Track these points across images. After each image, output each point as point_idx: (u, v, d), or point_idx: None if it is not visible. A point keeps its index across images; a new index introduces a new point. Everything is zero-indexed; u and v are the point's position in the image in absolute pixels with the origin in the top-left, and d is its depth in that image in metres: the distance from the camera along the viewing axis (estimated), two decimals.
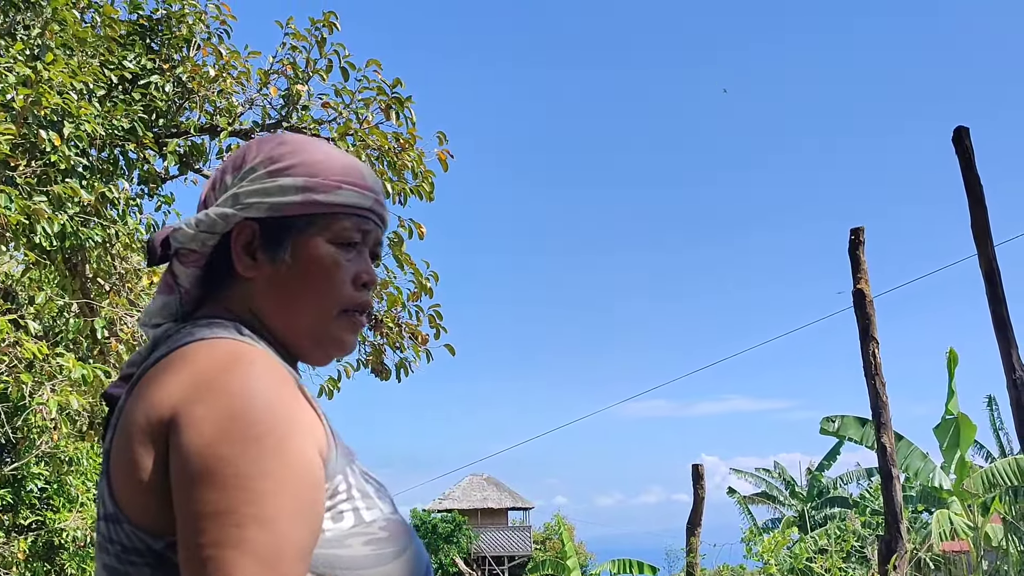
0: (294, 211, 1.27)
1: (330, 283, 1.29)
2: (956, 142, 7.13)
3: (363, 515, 1.17)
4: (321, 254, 1.28)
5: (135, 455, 1.10)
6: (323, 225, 1.28)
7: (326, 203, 1.28)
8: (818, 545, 22.00)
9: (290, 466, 1.07)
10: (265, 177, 1.29)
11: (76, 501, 12.42)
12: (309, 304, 1.28)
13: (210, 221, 1.28)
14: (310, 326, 1.29)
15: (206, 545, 1.00)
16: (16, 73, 5.95)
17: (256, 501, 1.02)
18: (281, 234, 1.28)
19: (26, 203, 5.84)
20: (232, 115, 7.69)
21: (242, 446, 1.04)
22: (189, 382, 1.10)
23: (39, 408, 6.17)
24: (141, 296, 8.28)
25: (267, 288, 1.29)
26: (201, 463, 1.03)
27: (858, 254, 8.61)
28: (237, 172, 1.32)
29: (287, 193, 1.27)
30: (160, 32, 7.55)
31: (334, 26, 7.61)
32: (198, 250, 1.30)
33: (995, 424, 27.89)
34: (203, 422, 1.06)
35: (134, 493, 1.10)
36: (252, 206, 1.27)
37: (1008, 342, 6.64)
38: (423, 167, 7.76)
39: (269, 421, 1.07)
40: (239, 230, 1.29)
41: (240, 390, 1.08)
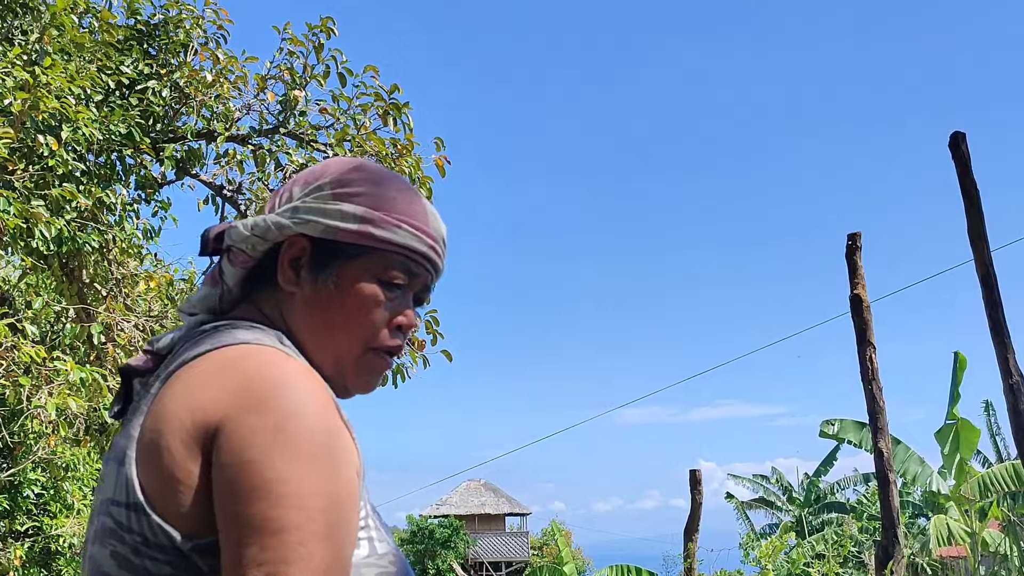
0: (348, 238, 1.27)
1: (365, 319, 1.28)
2: (953, 147, 7.14)
3: (376, 547, 1.17)
4: (363, 288, 1.27)
5: (174, 453, 1.09)
6: (373, 260, 1.28)
7: (380, 239, 1.27)
8: (815, 550, 22.02)
9: (340, 485, 1.08)
10: (329, 198, 1.28)
11: (73, 507, 12.40)
12: (339, 333, 1.28)
13: (264, 227, 1.29)
14: (335, 355, 1.29)
15: (267, 561, 1.01)
16: (14, 77, 5.95)
17: (315, 519, 1.03)
18: (330, 257, 1.28)
19: (24, 207, 5.84)
20: (229, 120, 7.69)
21: (300, 464, 1.05)
22: (239, 390, 1.10)
23: (36, 412, 6.17)
24: (138, 301, 8.28)
25: (303, 307, 1.28)
26: (261, 479, 1.04)
27: (855, 259, 8.62)
28: (306, 186, 1.32)
29: (345, 219, 1.27)
30: (158, 37, 7.56)
31: (332, 31, 7.61)
32: (248, 252, 1.31)
33: (992, 429, 27.92)
34: (257, 435, 1.06)
35: (168, 491, 1.09)
36: (308, 223, 1.27)
37: (1005, 347, 6.65)
38: (421, 173, 7.77)
39: (320, 440, 1.07)
40: (290, 243, 1.29)
41: (296, 407, 1.08)
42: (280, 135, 7.81)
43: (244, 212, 8.10)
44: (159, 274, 8.05)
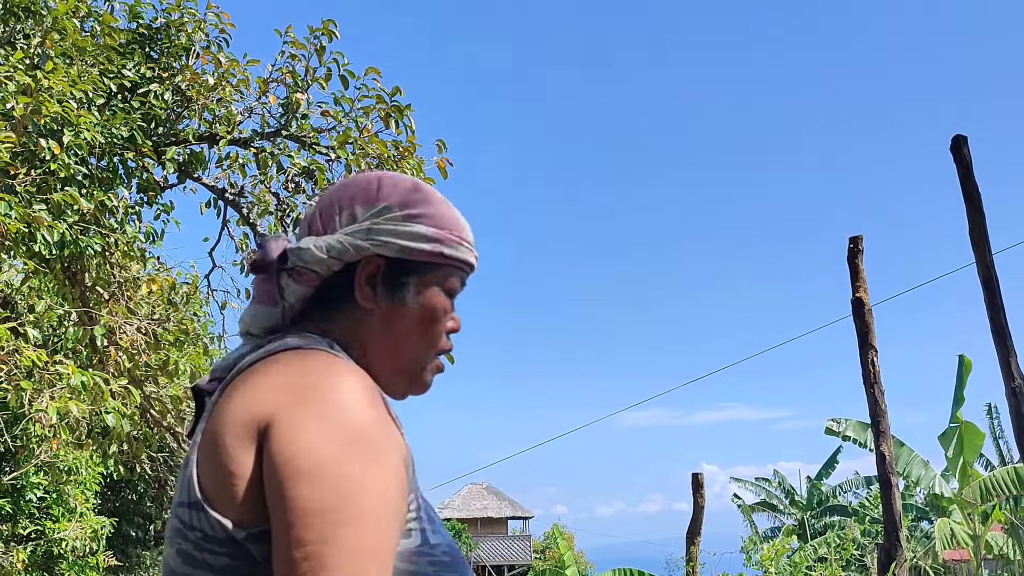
0: (422, 257, 1.36)
1: (437, 328, 1.39)
2: (954, 150, 7.14)
3: (428, 537, 1.22)
4: (436, 302, 1.38)
5: (229, 448, 1.15)
6: (442, 275, 1.39)
7: (449, 256, 1.38)
8: (818, 553, 21.98)
9: (386, 473, 1.13)
10: (402, 220, 1.36)
11: (75, 511, 12.39)
12: (414, 344, 1.38)
13: (342, 249, 1.35)
14: (408, 365, 1.39)
15: (308, 541, 1.05)
16: (16, 82, 5.96)
17: (357, 502, 1.08)
18: (405, 275, 1.37)
19: (26, 211, 5.85)
20: (231, 123, 7.70)
21: (344, 450, 1.10)
22: (291, 386, 1.17)
23: (38, 416, 6.16)
24: (140, 304, 8.28)
25: (379, 322, 1.36)
26: (306, 462, 1.09)
27: (857, 262, 8.62)
28: (370, 206, 1.38)
29: (420, 240, 1.36)
30: (159, 41, 7.56)
31: (333, 34, 7.62)
32: (320, 272, 1.36)
33: (995, 432, 27.89)
34: (307, 425, 1.12)
35: (223, 484, 1.15)
36: (385, 244, 1.35)
37: (1007, 350, 6.65)
38: (423, 175, 7.77)
39: (368, 430, 1.14)
40: (366, 262, 1.36)
41: (342, 399, 1.15)
42: (282, 138, 7.81)
43: (246, 215, 8.10)
44: (161, 277, 8.04)
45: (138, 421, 8.41)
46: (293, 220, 7.78)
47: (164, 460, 12.44)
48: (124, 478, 13.40)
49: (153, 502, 16.86)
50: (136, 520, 17.16)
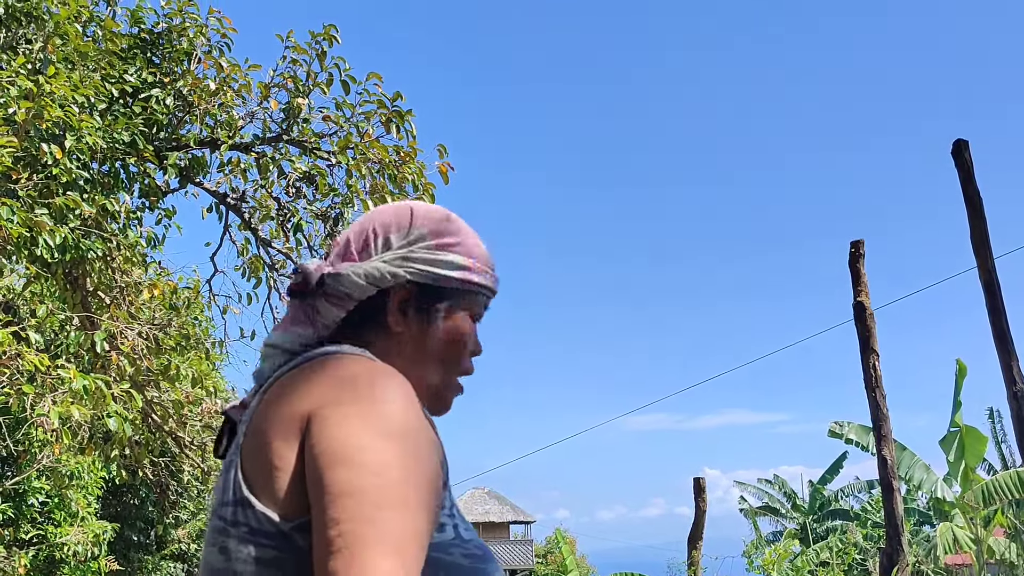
0: (452, 284, 1.44)
1: (462, 352, 1.46)
2: (956, 155, 7.14)
3: (461, 533, 1.27)
4: (462, 326, 1.46)
5: (272, 445, 1.20)
6: (469, 301, 1.47)
7: (476, 283, 1.46)
8: (820, 558, 21.96)
9: (421, 465, 1.18)
10: (435, 248, 1.44)
11: (77, 515, 12.40)
12: (441, 366, 1.45)
13: (379, 276, 1.42)
14: (435, 386, 1.45)
15: (344, 520, 1.09)
16: (18, 86, 5.97)
17: (393, 487, 1.12)
18: (435, 300, 1.44)
19: (28, 216, 5.85)
20: (233, 128, 7.71)
21: (383, 440, 1.15)
22: (332, 384, 1.23)
23: (40, 421, 6.17)
24: (142, 309, 8.29)
25: (409, 345, 1.43)
26: (343, 450, 1.13)
27: (858, 267, 8.62)
28: (405, 235, 1.46)
29: (452, 268, 1.43)
30: (161, 46, 7.58)
31: (334, 39, 7.63)
32: (355, 297, 1.43)
33: (997, 436, 27.87)
34: (348, 419, 1.17)
35: (269, 479, 1.19)
36: (420, 272, 1.42)
37: (1008, 354, 6.64)
38: (424, 180, 7.77)
39: (407, 426, 1.19)
40: (399, 288, 1.43)
41: (382, 396, 1.20)
42: (283, 143, 7.82)
43: (248, 220, 8.11)
44: (163, 282, 8.04)
45: (140, 426, 8.42)
46: (294, 225, 7.79)
47: (166, 465, 12.46)
48: (126, 483, 13.41)
49: (155, 507, 16.87)
50: (138, 524, 17.16)
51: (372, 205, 7.56)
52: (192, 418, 9.26)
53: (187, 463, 10.10)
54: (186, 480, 14.83)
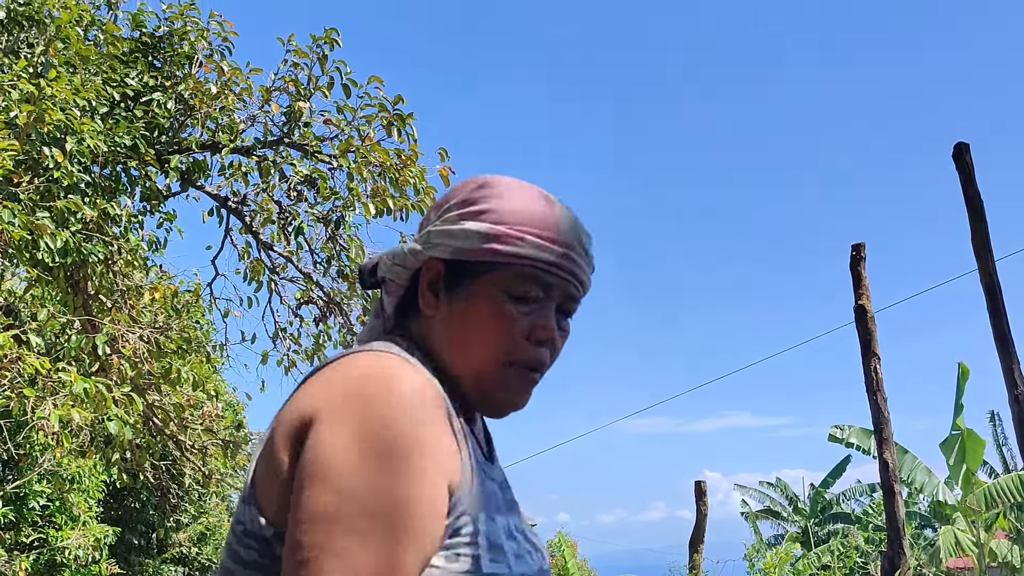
0: (474, 257, 1.28)
1: (497, 334, 1.27)
2: (957, 158, 7.15)
3: (483, 565, 1.14)
4: (490, 304, 1.27)
5: (276, 447, 1.14)
6: (501, 275, 1.27)
7: (505, 253, 1.26)
8: (821, 561, 21.95)
9: (412, 490, 1.07)
10: (456, 219, 1.30)
11: (78, 518, 12.39)
12: (474, 352, 1.28)
13: (402, 255, 1.33)
14: (474, 372, 1.28)
15: (309, 546, 1.02)
16: (20, 90, 5.97)
17: (369, 516, 1.03)
18: (461, 277, 1.29)
19: (29, 219, 5.86)
20: (234, 132, 7.71)
21: (370, 460, 1.05)
22: (336, 388, 1.13)
23: (41, 424, 6.17)
24: (143, 313, 8.29)
25: (442, 329, 1.30)
26: (326, 466, 1.06)
27: (859, 270, 8.62)
28: (439, 210, 1.35)
29: (470, 238, 1.27)
30: (162, 49, 7.59)
31: (336, 43, 7.64)
32: (396, 281, 1.35)
33: (998, 440, 27.86)
34: (339, 428, 1.08)
35: (266, 481, 1.14)
36: (438, 246, 1.30)
37: (1010, 357, 6.64)
38: (425, 183, 7.78)
39: (403, 441, 1.08)
40: (427, 267, 1.32)
41: (382, 403, 1.09)
42: (285, 146, 7.83)
43: (249, 224, 8.12)
44: (164, 286, 8.05)
45: (141, 429, 8.43)
46: (295, 228, 7.79)
47: (167, 468, 12.45)
48: (127, 486, 13.41)
49: (156, 510, 16.85)
50: (139, 528, 17.15)
51: (373, 208, 7.57)
52: (193, 422, 9.26)
53: (188, 467, 10.09)
54: (187, 484, 14.81)
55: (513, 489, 1.40)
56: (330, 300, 8.44)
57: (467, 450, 1.19)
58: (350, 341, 8.46)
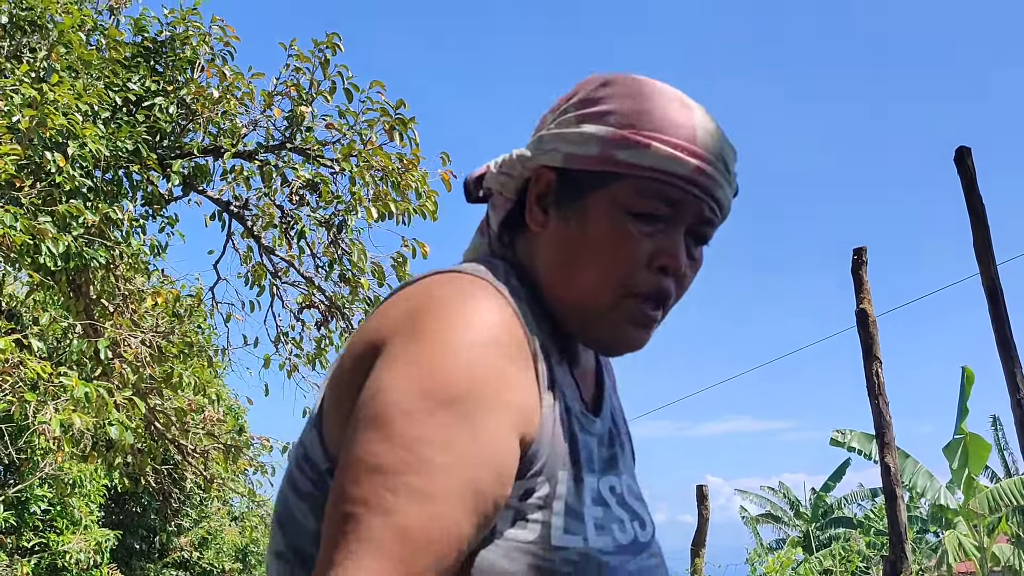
0: (589, 165, 1.09)
1: (612, 259, 1.08)
2: (958, 162, 7.14)
3: (553, 534, 0.99)
4: (607, 222, 1.08)
5: (343, 372, 1.02)
6: (621, 188, 1.08)
7: (626, 163, 1.07)
8: (823, 566, 21.91)
9: (475, 443, 0.92)
10: (572, 121, 1.12)
11: (80, 523, 12.40)
12: (585, 278, 1.09)
13: (510, 163, 1.17)
14: (582, 303, 1.10)
15: (356, 499, 0.90)
16: (22, 95, 5.98)
17: (423, 472, 0.90)
18: (574, 189, 1.11)
19: (31, 223, 5.86)
20: (236, 136, 7.72)
21: (429, 405, 0.92)
22: (404, 313, 1.00)
23: (42, 428, 6.17)
24: (145, 317, 8.29)
25: (549, 248, 1.12)
26: (382, 408, 0.92)
27: (861, 274, 8.60)
28: (556, 111, 1.17)
29: (587, 143, 1.09)
30: (164, 54, 7.60)
31: (337, 47, 7.64)
32: (503, 193, 1.19)
33: (1000, 444, 27.82)
34: (399, 365, 0.95)
35: (331, 408, 1.03)
36: (550, 152, 1.12)
37: (1012, 361, 6.63)
38: (427, 187, 7.79)
39: (468, 385, 0.93)
40: (536, 177, 1.14)
41: (446, 337, 0.95)
42: (287, 150, 7.84)
43: (251, 228, 8.12)
44: (166, 290, 8.06)
45: (142, 433, 8.43)
46: (297, 232, 7.80)
47: (168, 473, 12.45)
48: (128, 490, 13.40)
49: (157, 515, 16.86)
50: (140, 533, 17.16)
51: (375, 212, 7.58)
52: (195, 426, 9.26)
53: (189, 471, 10.10)
54: (188, 488, 14.82)
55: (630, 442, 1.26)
56: (332, 304, 8.44)
57: (554, 398, 1.04)
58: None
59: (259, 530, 17.90)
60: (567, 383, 1.09)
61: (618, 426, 1.23)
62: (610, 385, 1.27)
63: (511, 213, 1.18)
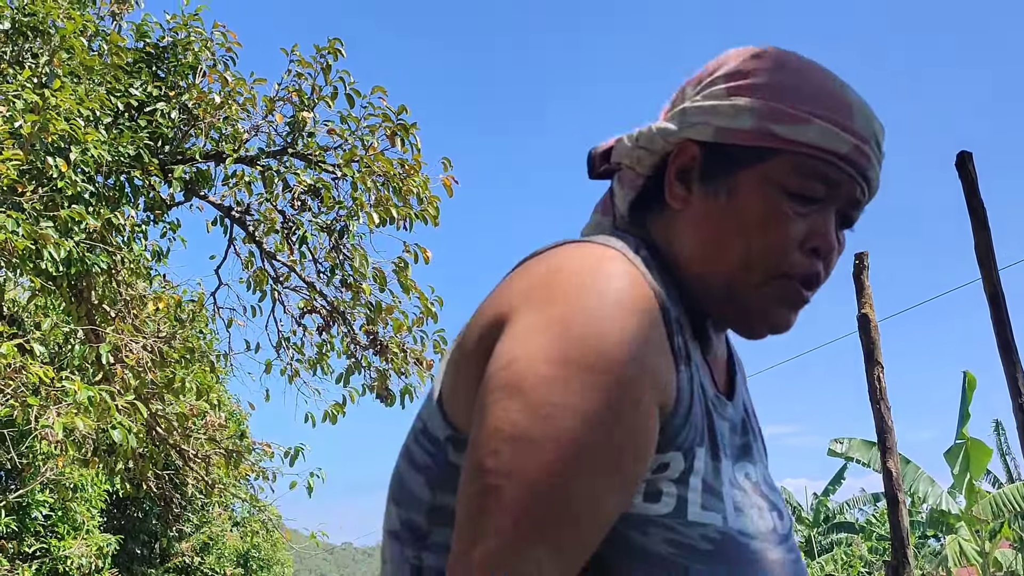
0: (742, 140, 1.04)
1: (765, 238, 1.03)
2: (960, 167, 7.14)
3: (690, 510, 0.95)
4: (760, 200, 1.03)
5: (467, 343, 0.99)
6: (776, 165, 1.03)
7: (783, 138, 1.02)
8: (825, 571, 21.91)
9: (617, 412, 0.87)
10: (723, 93, 1.06)
11: (81, 528, 12.40)
12: (733, 258, 1.04)
13: (649, 136, 1.10)
14: (730, 281, 1.05)
15: (494, 471, 0.86)
16: (24, 100, 5.99)
17: (565, 442, 0.85)
18: (723, 165, 1.05)
19: (33, 228, 5.87)
20: (237, 141, 7.73)
21: (569, 372, 0.87)
22: (532, 282, 0.96)
23: (45, 433, 6.17)
24: (146, 322, 8.30)
25: (691, 226, 1.07)
26: (517, 375, 0.88)
27: (862, 278, 8.60)
28: (699, 83, 1.11)
29: (739, 117, 1.04)
30: (166, 60, 7.61)
31: (339, 53, 7.65)
32: (635, 168, 1.13)
33: (1003, 449, 27.81)
34: (533, 332, 0.90)
35: (452, 379, 1.01)
36: (696, 126, 1.06)
37: (1014, 366, 6.62)
38: (428, 192, 7.79)
39: (609, 351, 0.88)
40: (679, 151, 1.08)
41: (585, 305, 0.90)
42: (288, 156, 7.85)
43: (252, 233, 8.13)
44: (167, 295, 8.07)
45: (144, 438, 8.43)
46: (299, 238, 7.81)
47: (170, 478, 12.44)
48: (130, 495, 13.41)
49: (159, 520, 16.85)
50: (141, 538, 17.16)
51: (376, 218, 7.59)
52: (196, 431, 9.26)
53: (191, 476, 10.09)
54: (190, 493, 14.81)
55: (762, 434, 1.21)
56: (333, 309, 8.44)
57: (689, 373, 0.99)
58: (353, 350, 8.47)
59: (260, 535, 17.87)
60: (700, 363, 1.04)
61: (751, 417, 1.19)
62: (740, 377, 1.22)
63: (642, 190, 1.13)
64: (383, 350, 8.21)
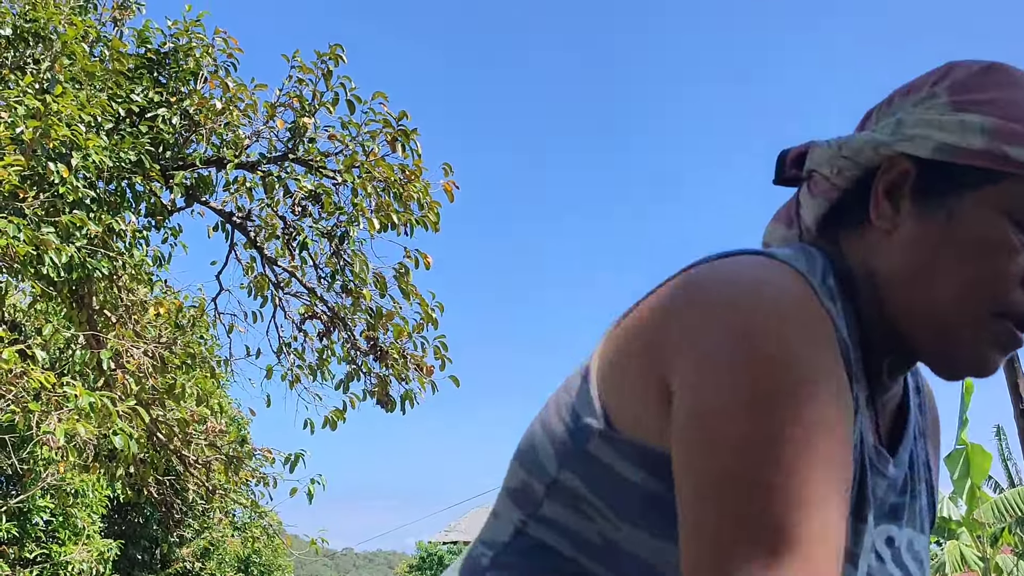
0: (968, 160, 0.92)
1: (987, 270, 0.92)
2: None
3: None
4: (986, 226, 0.92)
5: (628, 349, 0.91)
6: (1004, 190, 0.92)
7: (1017, 161, 0.91)
8: None
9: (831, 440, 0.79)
10: (947, 107, 0.95)
11: (82, 533, 12.39)
12: (945, 285, 0.93)
13: (856, 146, 0.99)
14: (938, 315, 0.94)
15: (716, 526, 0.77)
16: (25, 106, 6.00)
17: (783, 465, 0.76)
18: (942, 185, 0.94)
19: (34, 234, 5.87)
20: (239, 147, 7.74)
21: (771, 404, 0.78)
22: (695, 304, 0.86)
23: (46, 438, 6.18)
24: (147, 328, 8.30)
25: (899, 249, 0.96)
26: (707, 418, 0.80)
27: None
28: (913, 93, 1.00)
29: (968, 133, 0.93)
30: (167, 65, 7.62)
31: (340, 59, 7.67)
32: (831, 178, 1.02)
33: (1003, 454, 27.78)
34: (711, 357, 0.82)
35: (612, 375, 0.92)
36: (915, 139, 0.95)
37: (1015, 371, 6.64)
38: (429, 198, 7.80)
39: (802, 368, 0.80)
40: (889, 165, 0.97)
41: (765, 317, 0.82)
42: (289, 162, 7.86)
43: (253, 239, 8.14)
44: (168, 301, 8.07)
45: (145, 444, 8.43)
46: (299, 243, 7.82)
47: (170, 483, 12.44)
48: (130, 501, 13.41)
49: (159, 525, 16.85)
50: (142, 543, 17.14)
51: (377, 223, 7.59)
52: (197, 437, 9.26)
53: (192, 482, 10.08)
54: (191, 499, 14.79)
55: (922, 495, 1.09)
56: (334, 315, 8.44)
57: (856, 416, 0.89)
58: (354, 356, 8.47)
59: (261, 541, 17.86)
60: (866, 410, 0.94)
61: (916, 475, 1.06)
62: (916, 426, 1.10)
63: (836, 203, 1.03)
64: (383, 356, 8.22)
